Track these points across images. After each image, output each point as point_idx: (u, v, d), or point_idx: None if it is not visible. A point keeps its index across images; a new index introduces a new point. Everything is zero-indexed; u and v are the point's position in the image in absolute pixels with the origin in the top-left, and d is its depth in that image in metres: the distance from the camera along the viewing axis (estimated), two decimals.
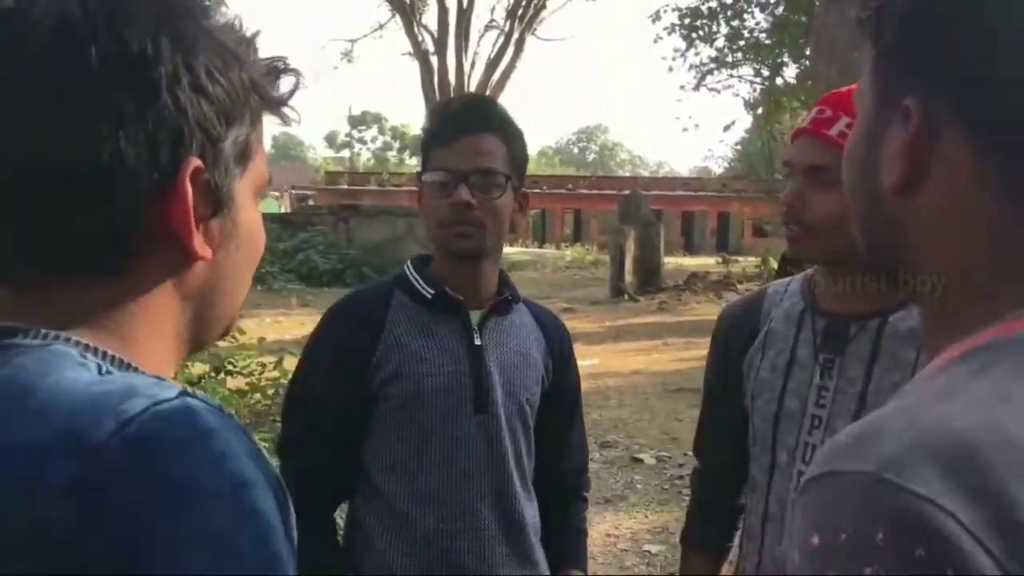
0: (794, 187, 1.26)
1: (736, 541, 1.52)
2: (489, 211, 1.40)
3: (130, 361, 0.58)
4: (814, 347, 1.30)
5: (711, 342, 1.52)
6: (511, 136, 1.45)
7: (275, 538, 0.52)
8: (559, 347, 1.57)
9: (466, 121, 1.43)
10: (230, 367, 5.67)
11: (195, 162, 0.59)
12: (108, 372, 0.56)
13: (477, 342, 1.42)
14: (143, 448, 0.50)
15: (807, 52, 15.54)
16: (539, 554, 1.47)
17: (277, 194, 39.89)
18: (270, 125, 0.69)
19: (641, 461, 5.52)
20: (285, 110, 0.68)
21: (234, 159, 0.62)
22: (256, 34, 0.65)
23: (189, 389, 0.56)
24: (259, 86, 0.64)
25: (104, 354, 0.57)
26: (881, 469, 0.44)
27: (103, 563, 0.47)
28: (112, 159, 0.55)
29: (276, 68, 0.67)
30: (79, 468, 0.48)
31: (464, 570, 1.38)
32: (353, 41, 28.54)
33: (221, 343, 6.68)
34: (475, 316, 1.44)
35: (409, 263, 1.50)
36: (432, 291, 1.42)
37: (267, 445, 2.55)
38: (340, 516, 1.71)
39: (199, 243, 0.60)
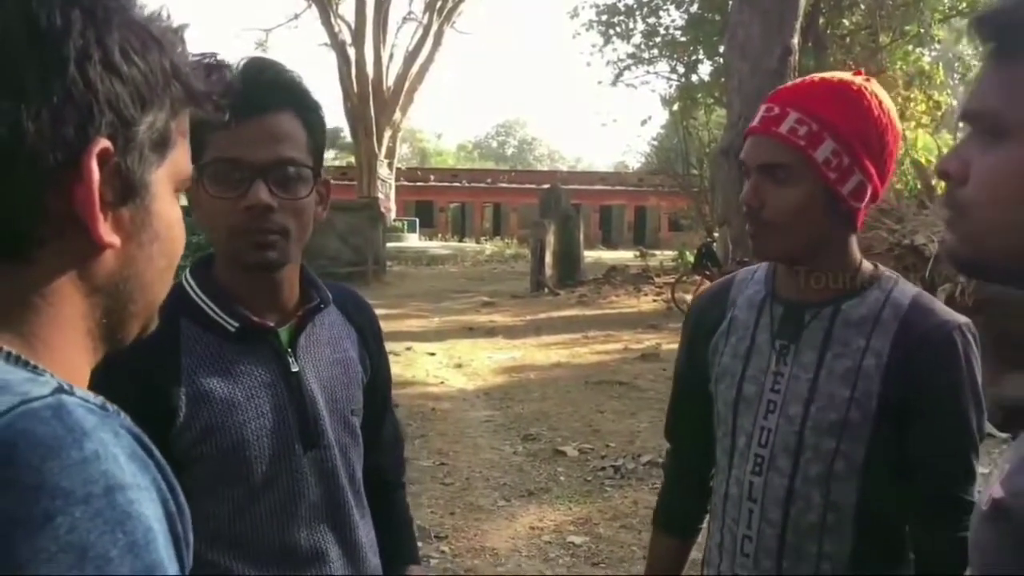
0: (750, 187, 1.27)
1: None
2: (293, 213, 1.14)
3: (28, 359, 0.54)
4: (771, 333, 1.34)
5: (682, 329, 1.56)
6: (311, 114, 1.17)
7: (153, 544, 0.49)
8: (371, 335, 1.37)
9: (257, 95, 1.10)
10: None
11: (103, 143, 0.55)
12: None
13: (294, 368, 1.20)
14: (6, 450, 0.47)
15: (721, 49, 15.88)
16: (379, 569, 1.34)
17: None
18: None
19: (564, 454, 5.56)
20: (212, 105, 0.65)
21: (150, 146, 0.59)
22: (184, 26, 0.62)
23: (67, 385, 0.53)
24: (182, 74, 0.61)
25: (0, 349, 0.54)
26: None
27: None
28: (11, 135, 0.52)
29: (205, 63, 0.64)
30: None
31: None
32: (268, 31, 27.97)
33: None
34: (283, 334, 1.21)
35: (187, 276, 1.21)
36: (235, 324, 1.17)
37: None
38: None
39: (105, 230, 0.57)
